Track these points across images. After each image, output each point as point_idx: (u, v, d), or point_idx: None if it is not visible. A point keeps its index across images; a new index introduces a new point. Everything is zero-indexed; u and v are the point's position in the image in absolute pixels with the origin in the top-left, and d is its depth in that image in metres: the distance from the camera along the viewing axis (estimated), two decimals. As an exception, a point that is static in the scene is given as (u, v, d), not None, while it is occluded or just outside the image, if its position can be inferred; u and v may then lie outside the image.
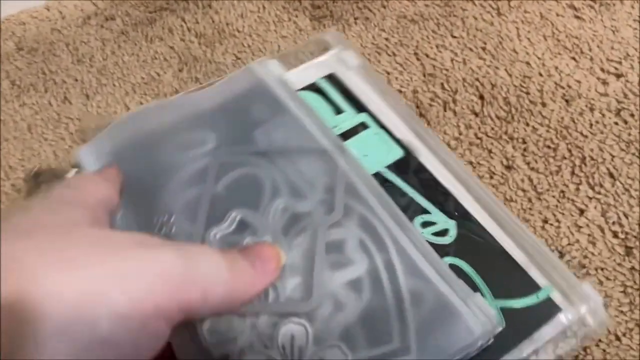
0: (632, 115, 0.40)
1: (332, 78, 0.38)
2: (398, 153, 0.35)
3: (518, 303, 0.29)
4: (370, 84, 0.37)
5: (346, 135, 0.36)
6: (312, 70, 0.39)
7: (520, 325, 0.29)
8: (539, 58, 0.43)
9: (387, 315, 0.27)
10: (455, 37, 0.45)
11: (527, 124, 0.39)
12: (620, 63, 0.43)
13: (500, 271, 0.30)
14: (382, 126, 0.36)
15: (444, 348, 0.26)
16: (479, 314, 0.27)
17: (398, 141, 0.35)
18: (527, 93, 0.41)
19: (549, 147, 0.38)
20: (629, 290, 0.32)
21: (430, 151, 0.35)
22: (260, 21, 0.47)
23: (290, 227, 0.30)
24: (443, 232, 0.32)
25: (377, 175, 0.34)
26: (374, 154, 0.35)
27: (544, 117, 0.40)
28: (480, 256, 0.31)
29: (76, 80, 0.44)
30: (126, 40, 0.46)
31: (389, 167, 0.35)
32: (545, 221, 0.35)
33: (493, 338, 0.27)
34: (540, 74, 0.42)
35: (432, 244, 0.30)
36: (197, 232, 0.30)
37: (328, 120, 0.36)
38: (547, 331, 0.28)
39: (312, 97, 0.37)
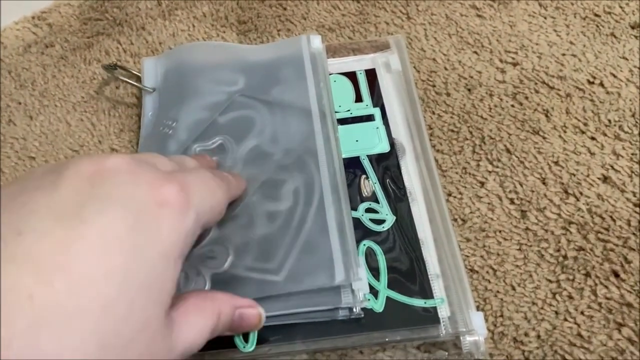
0: (526, 97, 0.44)
1: (370, 73, 0.45)
2: (385, 148, 0.40)
3: (405, 299, 0.33)
4: (398, 88, 0.43)
5: (353, 120, 0.42)
6: (358, 62, 0.46)
7: (398, 317, 0.32)
8: (444, 54, 0.48)
9: (279, 246, 0.33)
10: (369, 41, 0.49)
11: (434, 113, 0.44)
12: (516, 53, 0.47)
13: (406, 270, 0.34)
14: (386, 124, 0.41)
15: (306, 282, 0.32)
16: (350, 272, 0.32)
17: (391, 139, 0.40)
18: (433, 86, 0.45)
19: (452, 131, 0.43)
20: (524, 247, 0.37)
21: (414, 158, 0.40)
22: (191, 38, 0.50)
23: (252, 159, 0.37)
24: (380, 221, 0.36)
25: (355, 158, 0.40)
26: (364, 141, 0.40)
27: (448, 105, 0.44)
28: (396, 252, 0.35)
29: (19, 103, 0.47)
30: (65, 64, 0.49)
31: (370, 156, 0.39)
32: (449, 194, 0.39)
33: (363, 313, 0.32)
34: (445, 68, 0.47)
35: (365, 226, 0.36)
36: (186, 142, 0.39)
37: (346, 103, 0.43)
38: (417, 332, 0.32)
39: (343, 81, 0.44)
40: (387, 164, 0.39)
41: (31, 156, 0.44)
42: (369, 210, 0.37)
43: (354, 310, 0.32)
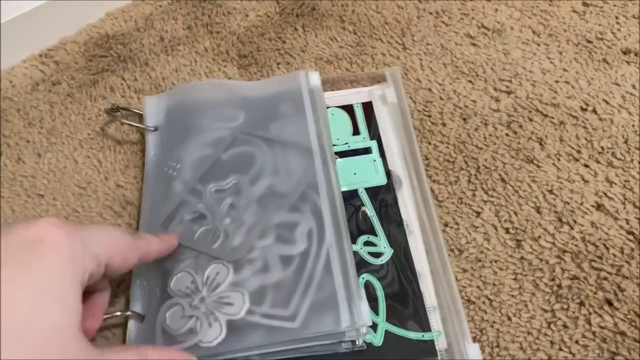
0: (520, 126, 0.45)
1: (367, 105, 0.46)
2: (382, 181, 0.41)
3: (403, 332, 0.34)
4: (394, 120, 0.45)
5: (351, 152, 0.43)
6: (355, 95, 0.47)
7: (396, 349, 0.34)
8: (439, 84, 0.49)
9: (295, 290, 0.34)
10: (366, 73, 0.50)
11: (429, 143, 0.45)
12: (510, 81, 0.49)
13: (404, 303, 0.35)
14: (383, 156, 0.42)
15: (316, 327, 0.32)
16: (355, 316, 0.33)
17: (388, 172, 0.42)
18: (429, 116, 0.46)
19: (448, 161, 0.44)
20: (519, 277, 0.37)
21: (411, 190, 0.41)
22: (193, 73, 0.52)
23: (264, 200, 0.39)
24: (378, 254, 0.37)
25: (353, 192, 0.41)
26: (362, 174, 0.42)
27: (443, 135, 0.45)
28: (394, 285, 0.36)
29: (28, 141, 0.48)
30: (72, 101, 0.51)
31: (368, 189, 0.41)
32: (446, 225, 0.40)
33: (366, 345, 0.33)
34: (441, 98, 0.48)
35: (363, 259, 0.37)
36: (190, 182, 0.40)
37: (344, 136, 0.44)
38: None
39: (340, 114, 0.46)
40: (384, 197, 0.40)
41: (40, 194, 0.45)
42: (367, 243, 0.38)
43: (357, 342, 0.33)
